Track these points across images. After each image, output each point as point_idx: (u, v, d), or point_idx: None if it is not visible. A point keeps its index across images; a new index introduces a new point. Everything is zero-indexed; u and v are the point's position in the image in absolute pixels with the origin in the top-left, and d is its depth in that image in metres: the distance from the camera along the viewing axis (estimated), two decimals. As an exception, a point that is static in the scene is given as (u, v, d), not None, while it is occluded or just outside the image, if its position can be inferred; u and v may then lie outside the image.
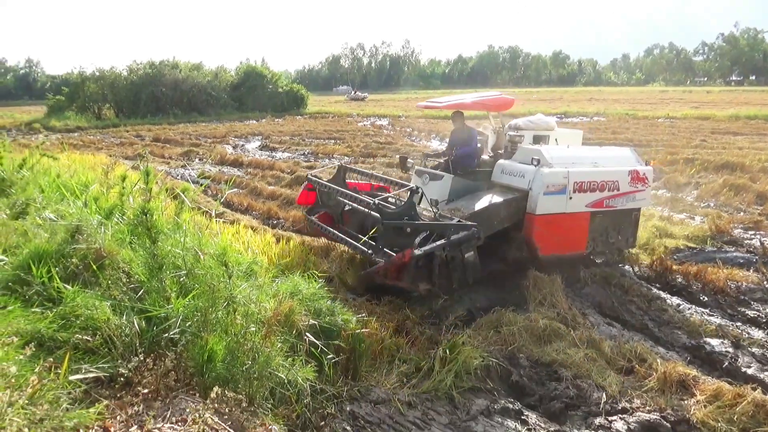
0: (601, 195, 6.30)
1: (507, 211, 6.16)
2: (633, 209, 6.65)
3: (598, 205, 6.32)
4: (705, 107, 33.80)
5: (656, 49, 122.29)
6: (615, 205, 6.43)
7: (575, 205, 6.16)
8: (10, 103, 71.49)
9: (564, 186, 6.05)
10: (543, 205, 6.01)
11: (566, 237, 6.30)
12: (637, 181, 6.51)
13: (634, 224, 6.78)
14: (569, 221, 6.20)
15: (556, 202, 6.07)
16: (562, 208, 6.12)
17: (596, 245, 6.53)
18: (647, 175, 6.60)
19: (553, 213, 6.09)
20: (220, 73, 45.37)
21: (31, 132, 29.19)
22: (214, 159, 17.29)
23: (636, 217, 6.77)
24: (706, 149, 15.96)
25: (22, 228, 4.10)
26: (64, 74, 45.39)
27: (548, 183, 5.99)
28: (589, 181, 6.20)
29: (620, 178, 6.41)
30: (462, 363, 4.13)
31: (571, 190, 6.09)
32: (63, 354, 2.56)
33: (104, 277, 3.39)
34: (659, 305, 5.74)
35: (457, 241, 5.40)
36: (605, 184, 6.31)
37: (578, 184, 6.12)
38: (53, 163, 7.67)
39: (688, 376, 4.14)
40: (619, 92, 66.19)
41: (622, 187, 6.41)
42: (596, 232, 6.47)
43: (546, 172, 6.03)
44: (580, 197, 6.17)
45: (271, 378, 3.17)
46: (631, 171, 6.49)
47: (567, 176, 6.06)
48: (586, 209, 6.26)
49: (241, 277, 3.66)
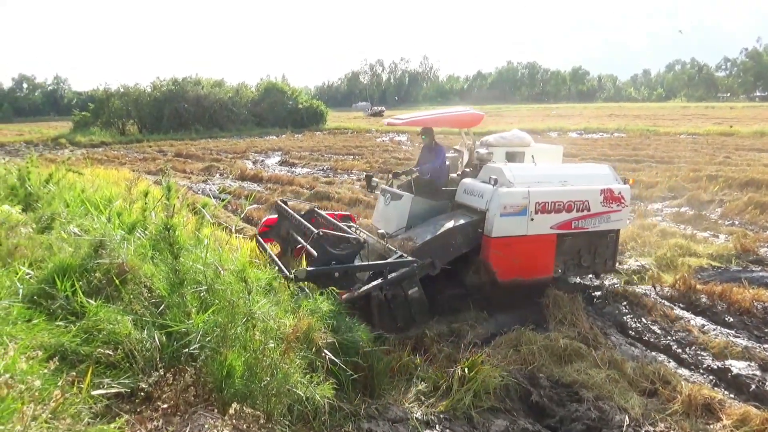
0: (568, 216, 5.91)
1: (463, 236, 5.84)
2: (608, 231, 6.23)
3: (566, 226, 5.93)
4: (728, 123, 33.33)
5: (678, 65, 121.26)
6: (586, 226, 6.02)
7: (538, 227, 5.80)
8: (38, 118, 73.50)
9: (524, 207, 5.70)
10: (500, 226, 5.68)
11: (529, 261, 5.89)
12: (611, 201, 6.07)
13: (612, 246, 6.38)
14: (531, 244, 5.83)
15: (515, 223, 5.72)
16: (523, 231, 5.76)
17: (567, 269, 6.19)
18: (623, 195, 6.15)
19: (511, 235, 5.74)
20: (241, 90, 46.14)
21: (58, 147, 29.92)
22: (235, 174, 17.49)
23: (613, 238, 6.35)
24: (730, 166, 15.70)
25: (48, 242, 4.18)
26: (90, 91, 46.54)
27: (505, 204, 5.65)
28: (554, 202, 5.81)
29: (591, 198, 5.99)
30: (481, 382, 4.08)
31: (533, 211, 5.73)
32: (85, 368, 2.59)
33: (126, 291, 3.43)
34: (683, 325, 5.62)
35: (395, 280, 5.08)
36: (573, 205, 5.90)
37: (541, 205, 5.75)
38: (78, 178, 7.84)
39: (714, 400, 4.04)
40: (640, 108, 65.64)
41: (593, 208, 6.00)
42: (566, 255, 6.13)
43: (503, 192, 5.69)
44: (543, 218, 5.80)
45: (290, 395, 3.17)
46: (604, 190, 6.05)
47: (527, 196, 5.70)
48: (552, 231, 5.89)
49: (260, 292, 3.69)
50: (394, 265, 5.15)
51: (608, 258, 6.39)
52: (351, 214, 7.45)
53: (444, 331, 5.40)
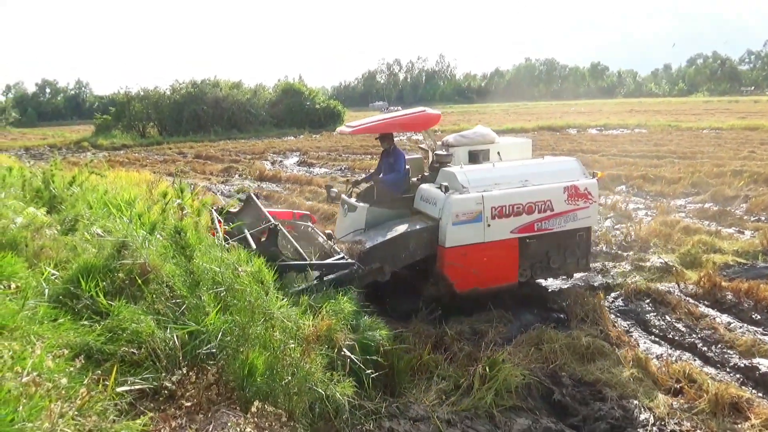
0: (529, 218, 5.62)
1: (417, 242, 5.55)
2: (577, 229, 5.92)
3: (527, 229, 5.65)
4: (753, 117, 32.62)
5: (699, 59, 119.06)
6: (550, 227, 5.74)
7: (496, 233, 5.52)
8: (60, 123, 74.71)
9: (479, 213, 5.42)
10: (453, 236, 5.40)
11: (489, 269, 5.61)
12: (576, 198, 5.76)
13: (583, 245, 6.07)
14: (490, 251, 5.54)
15: (470, 231, 5.44)
16: (479, 238, 5.47)
17: (534, 273, 5.93)
18: (590, 190, 5.83)
19: (467, 244, 5.46)
20: (258, 91, 46.46)
21: (80, 150, 30.45)
22: (253, 175, 17.62)
23: (583, 237, 6.03)
24: (755, 161, 15.37)
25: (72, 243, 4.25)
26: (111, 94, 47.33)
27: (457, 212, 5.37)
28: (512, 205, 5.53)
29: (553, 197, 5.69)
30: (502, 381, 4.06)
31: (489, 216, 5.45)
32: (110, 366, 2.63)
33: (149, 291, 3.48)
34: (708, 323, 5.52)
35: (333, 282, 4.80)
36: (534, 206, 5.61)
37: (497, 209, 5.48)
38: (101, 180, 7.96)
39: (742, 399, 3.96)
40: (661, 103, 64.60)
41: (556, 207, 5.70)
42: (533, 258, 5.85)
43: (455, 199, 5.40)
44: (501, 224, 5.52)
45: (311, 393, 3.18)
46: (568, 187, 5.74)
47: (481, 201, 5.43)
48: (512, 236, 5.61)
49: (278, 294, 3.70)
50: (332, 267, 4.94)
51: (580, 257, 6.09)
52: (311, 215, 7.19)
53: (465, 329, 5.38)
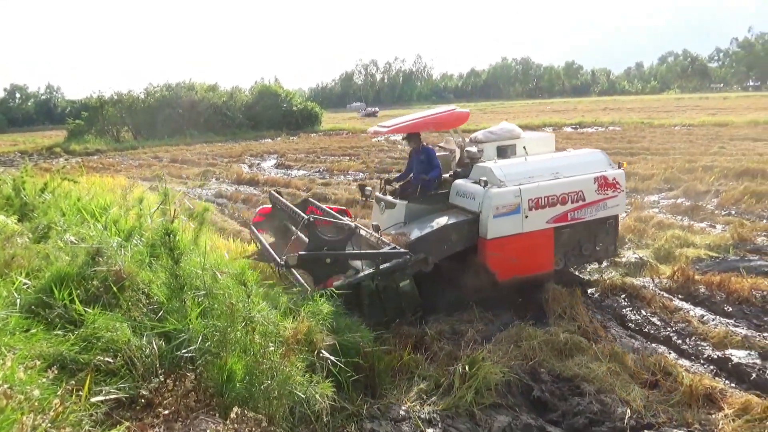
0: (563, 208, 5.87)
1: (458, 234, 5.79)
2: (607, 218, 6.23)
3: (562, 219, 5.90)
4: (722, 113, 33.38)
5: (670, 57, 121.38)
6: (583, 216, 6.00)
7: (534, 224, 5.77)
8: (31, 128, 73.16)
9: (517, 205, 5.67)
10: (494, 228, 5.64)
11: (527, 258, 5.85)
12: (606, 188, 6.05)
13: (612, 232, 6.40)
14: (528, 241, 5.79)
15: (509, 223, 5.68)
16: (518, 229, 5.72)
17: (568, 261, 6.21)
18: (618, 180, 6.14)
19: (507, 235, 5.70)
20: (235, 93, 46.10)
21: (52, 156, 29.85)
22: (231, 178, 17.48)
23: (612, 224, 6.37)
24: (725, 156, 15.72)
25: (44, 251, 4.17)
26: (84, 99, 46.40)
27: (497, 205, 5.60)
28: (547, 196, 5.78)
29: (585, 188, 5.96)
30: (482, 379, 4.08)
31: (526, 208, 5.70)
32: (85, 376, 2.59)
33: (124, 298, 3.43)
34: (682, 316, 5.63)
35: (387, 270, 5.10)
36: (567, 197, 5.87)
37: (534, 201, 5.72)
38: (74, 187, 7.80)
39: (715, 389, 4.05)
40: (634, 101, 65.67)
41: (588, 197, 5.98)
42: (566, 247, 6.13)
43: (494, 193, 5.63)
44: (538, 214, 5.77)
45: (291, 397, 3.17)
46: (598, 177, 6.02)
47: (519, 194, 5.67)
48: (548, 226, 5.86)
49: (259, 295, 3.68)
50: (387, 256, 5.17)
51: (609, 244, 6.42)
52: (347, 209, 7.45)
53: (445, 329, 5.40)
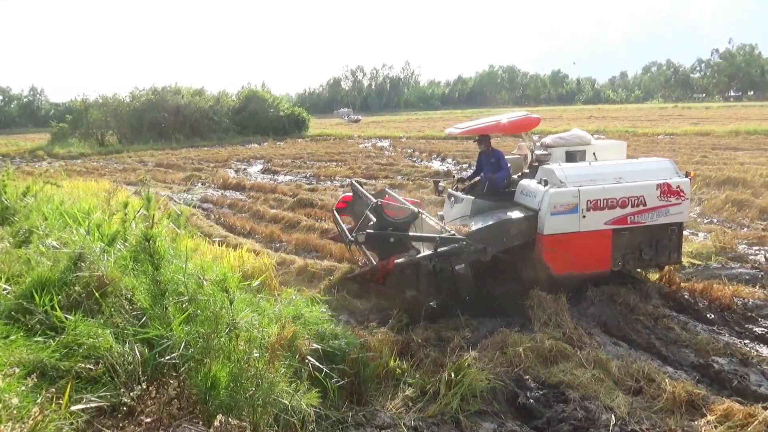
0: (623, 212, 6.09)
1: (518, 229, 6.13)
2: (669, 224, 6.32)
3: (621, 222, 6.11)
4: (704, 123, 33.91)
5: (654, 67, 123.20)
6: (643, 221, 6.17)
7: (591, 224, 6.02)
8: (14, 131, 72.20)
9: (575, 205, 5.96)
10: (551, 224, 5.96)
11: (583, 256, 6.12)
12: (669, 195, 6.19)
13: (675, 240, 6.43)
14: (585, 240, 6.05)
15: (566, 221, 5.98)
16: (575, 227, 6.00)
17: (626, 263, 6.32)
18: (682, 188, 6.25)
19: (564, 232, 6.00)
20: (221, 98, 45.85)
21: (35, 159, 29.46)
22: (217, 183, 17.37)
23: (674, 231, 6.40)
24: (707, 165, 15.97)
25: (26, 256, 4.11)
26: (68, 102, 46.07)
27: (555, 203, 5.93)
28: (607, 199, 6.03)
29: (646, 193, 6.13)
30: (468, 386, 4.08)
31: (584, 208, 5.97)
32: (65, 384, 2.55)
33: (107, 304, 3.39)
34: (665, 323, 5.68)
35: (444, 254, 5.63)
36: (628, 201, 6.08)
37: (592, 203, 5.99)
38: (56, 191, 7.72)
39: (698, 396, 4.08)
40: (618, 110, 66.51)
41: (649, 202, 6.14)
42: (625, 249, 6.27)
43: (553, 192, 5.96)
44: (595, 215, 6.02)
45: (275, 404, 3.14)
46: (661, 185, 6.17)
47: (578, 195, 5.96)
48: (606, 227, 6.08)
49: (243, 301, 3.65)
50: (445, 240, 5.71)
51: (672, 251, 6.44)
52: (420, 202, 7.96)
53: (431, 336, 5.40)
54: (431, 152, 23.91)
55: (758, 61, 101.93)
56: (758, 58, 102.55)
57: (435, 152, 23.66)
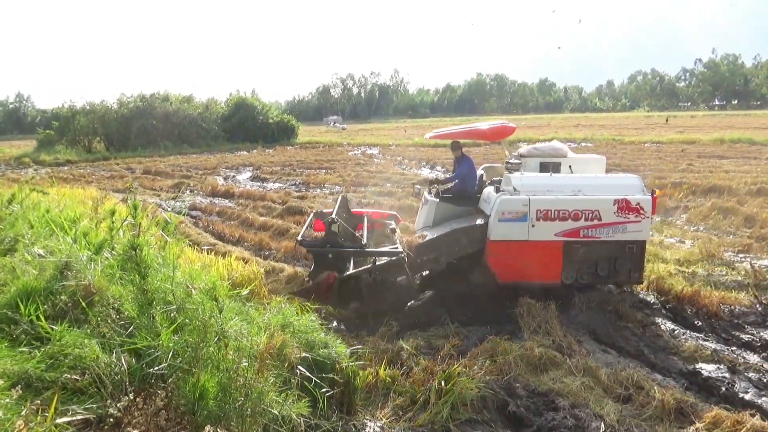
0: (575, 224, 6.00)
1: (470, 237, 6.26)
2: (627, 241, 6.13)
3: (573, 234, 6.03)
4: (690, 131, 34.34)
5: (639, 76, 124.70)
6: (597, 235, 6.05)
7: (540, 234, 6.00)
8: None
9: (524, 213, 5.97)
10: (498, 231, 6.04)
11: (531, 265, 6.11)
12: (627, 212, 6.02)
13: (636, 259, 6.22)
14: (534, 249, 6.05)
15: (515, 229, 6.01)
16: (524, 236, 6.01)
17: (580, 277, 6.22)
18: (642, 206, 6.03)
19: (511, 240, 6.04)
20: (210, 105, 45.70)
21: (21, 166, 29.12)
22: (206, 190, 17.27)
23: (634, 249, 6.18)
24: (693, 173, 16.16)
25: (11, 265, 4.04)
26: (55, 108, 45.49)
27: (503, 210, 5.99)
28: (558, 210, 5.97)
29: (602, 208, 6.00)
30: (458, 394, 4.08)
31: (534, 217, 5.96)
32: (51, 395, 2.50)
33: (93, 314, 3.33)
34: (654, 331, 5.72)
35: (382, 267, 5.96)
36: (580, 214, 5.99)
37: (542, 212, 5.96)
38: (43, 198, 7.60)
39: (686, 403, 4.11)
40: (605, 118, 67.20)
41: (605, 217, 6.01)
42: (580, 263, 6.16)
43: (503, 198, 6.02)
44: (546, 226, 5.99)
45: (265, 414, 3.11)
46: (619, 200, 6.00)
47: (528, 204, 5.95)
48: (557, 238, 6.04)
49: (232, 310, 3.62)
50: (381, 254, 6.10)
51: (632, 270, 6.26)
52: (396, 215, 8.14)
53: (421, 344, 5.39)
54: (420, 160, 23.98)
55: (741, 71, 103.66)
56: (741, 68, 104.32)
57: (424, 160, 23.74)
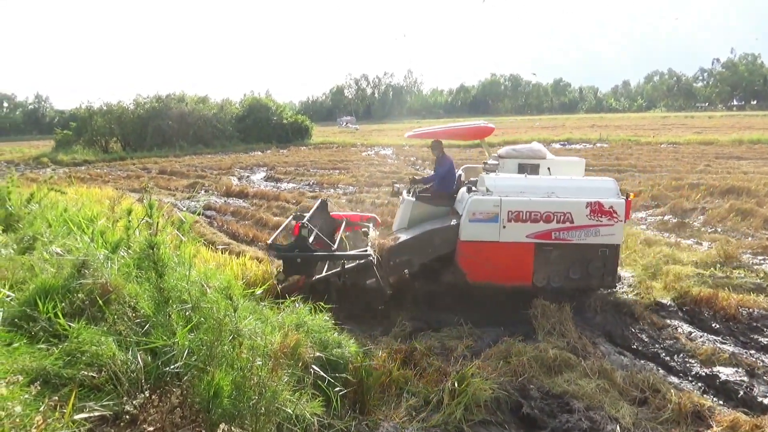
0: (547, 226, 5.94)
1: (441, 239, 6.28)
2: (599, 245, 6.03)
3: (544, 236, 5.97)
4: (708, 132, 33.91)
5: (656, 76, 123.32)
6: (569, 238, 5.97)
7: (511, 235, 5.97)
8: (19, 138, 72.61)
9: (495, 214, 5.95)
10: (468, 231, 6.04)
11: (501, 266, 6.09)
12: (600, 215, 5.94)
13: (609, 263, 6.12)
14: (504, 250, 6.02)
15: (485, 229, 5.99)
16: (494, 237, 5.99)
17: (552, 279, 6.13)
18: (615, 209, 5.95)
19: (481, 240, 6.02)
20: (225, 106, 45.96)
21: (40, 166, 29.55)
22: (220, 190, 17.38)
23: (607, 253, 6.08)
24: (710, 174, 15.95)
25: (29, 263, 4.10)
26: (72, 109, 46.11)
27: (474, 210, 5.98)
28: (530, 211, 5.93)
29: (574, 210, 5.93)
30: (472, 395, 4.06)
31: (505, 219, 5.94)
32: (68, 392, 2.53)
33: (110, 312, 3.38)
34: (670, 333, 5.65)
35: (352, 270, 5.99)
36: (552, 216, 5.93)
37: (514, 214, 5.93)
38: (61, 197, 7.72)
39: (704, 407, 4.06)
40: (621, 119, 66.58)
41: (577, 220, 5.94)
42: (552, 265, 6.08)
43: (474, 199, 6.00)
44: (517, 227, 5.96)
45: (278, 413, 3.12)
46: (591, 203, 5.92)
47: (499, 204, 5.93)
48: (528, 240, 5.99)
49: (246, 309, 3.64)
50: (350, 258, 6.10)
51: (606, 273, 6.17)
52: (376, 217, 8.20)
53: (434, 344, 5.38)
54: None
55: (761, 71, 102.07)
56: (761, 68, 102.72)
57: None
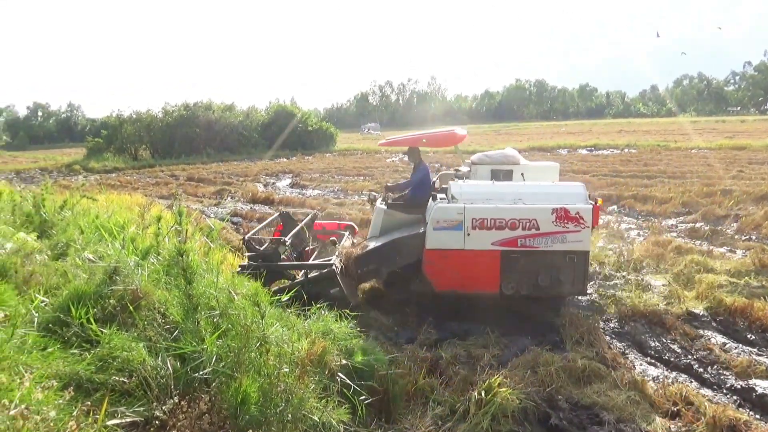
0: (512, 234, 5.84)
1: (409, 247, 6.27)
2: (566, 252, 5.88)
3: (510, 244, 5.87)
4: (740, 137, 33.08)
5: (686, 80, 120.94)
6: (536, 245, 5.85)
7: (476, 243, 5.90)
8: (52, 145, 74.68)
9: (459, 222, 5.88)
10: (433, 239, 5.99)
11: (467, 274, 6.01)
12: (566, 221, 5.80)
13: (578, 269, 5.95)
14: (469, 258, 5.95)
15: (450, 237, 5.93)
16: (459, 245, 5.93)
17: (520, 287, 6.00)
18: (582, 215, 5.77)
19: (447, 248, 5.97)
20: (251, 113, 46.58)
21: (72, 173, 30.32)
22: (246, 197, 17.58)
23: (576, 260, 5.91)
24: (744, 180, 15.53)
25: (63, 269, 4.20)
26: (103, 117, 47.31)
27: (438, 218, 5.92)
28: (494, 219, 5.84)
29: (540, 217, 5.80)
30: (498, 405, 4.01)
31: (469, 226, 5.87)
32: (100, 397, 2.58)
33: (140, 318, 3.43)
34: (703, 344, 5.51)
35: (314, 280, 5.97)
36: (518, 223, 5.82)
37: (478, 221, 5.86)
38: (92, 204, 7.89)
39: (740, 421, 3.94)
40: (650, 123, 65.39)
41: (543, 227, 5.81)
42: (520, 273, 5.96)
43: (438, 207, 5.95)
44: (481, 234, 5.88)
45: (305, 420, 3.13)
46: (557, 209, 5.77)
47: (463, 212, 5.86)
48: (494, 248, 5.90)
49: (273, 316, 3.67)
50: (312, 268, 6.12)
51: (575, 280, 6.00)
52: (353, 226, 8.13)
53: (460, 353, 5.33)
54: (459, 166, 23.81)
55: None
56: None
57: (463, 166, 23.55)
